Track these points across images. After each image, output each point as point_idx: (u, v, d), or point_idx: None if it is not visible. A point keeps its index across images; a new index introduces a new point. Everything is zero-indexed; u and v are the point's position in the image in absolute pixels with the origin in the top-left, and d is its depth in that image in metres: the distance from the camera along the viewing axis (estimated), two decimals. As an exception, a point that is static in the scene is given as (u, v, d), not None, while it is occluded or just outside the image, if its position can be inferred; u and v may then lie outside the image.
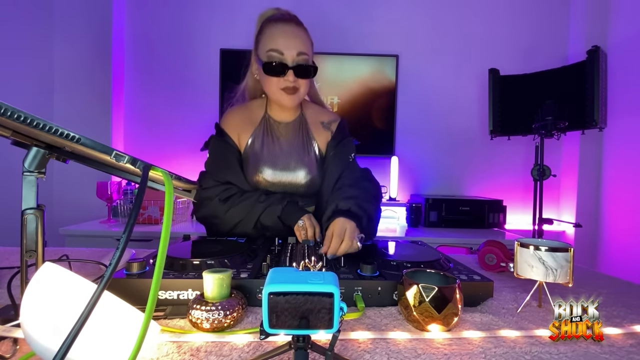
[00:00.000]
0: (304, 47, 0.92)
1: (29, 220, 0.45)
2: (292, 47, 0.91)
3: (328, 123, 1.05)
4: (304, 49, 0.92)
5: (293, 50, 0.91)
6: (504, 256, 0.80)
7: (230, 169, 0.98)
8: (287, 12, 1.00)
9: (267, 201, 0.92)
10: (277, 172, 0.99)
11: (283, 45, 0.91)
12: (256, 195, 0.94)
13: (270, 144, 1.00)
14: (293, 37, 0.92)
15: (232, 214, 0.93)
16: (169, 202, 0.38)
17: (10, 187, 1.86)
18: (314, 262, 0.57)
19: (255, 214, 0.92)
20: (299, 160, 1.00)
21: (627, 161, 2.04)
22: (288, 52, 0.91)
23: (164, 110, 2.34)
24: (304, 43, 0.93)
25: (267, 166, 0.98)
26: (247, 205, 0.92)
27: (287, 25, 0.94)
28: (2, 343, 0.43)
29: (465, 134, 2.39)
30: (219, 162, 0.98)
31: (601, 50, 1.81)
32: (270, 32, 0.93)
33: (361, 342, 0.47)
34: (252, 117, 1.03)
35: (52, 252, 0.88)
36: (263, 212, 0.91)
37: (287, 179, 0.99)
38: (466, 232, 2.00)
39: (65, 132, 0.39)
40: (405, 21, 2.35)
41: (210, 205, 0.94)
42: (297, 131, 1.03)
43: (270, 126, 1.02)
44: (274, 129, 1.02)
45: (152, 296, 0.35)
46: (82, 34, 2.20)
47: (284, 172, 0.99)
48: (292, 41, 0.91)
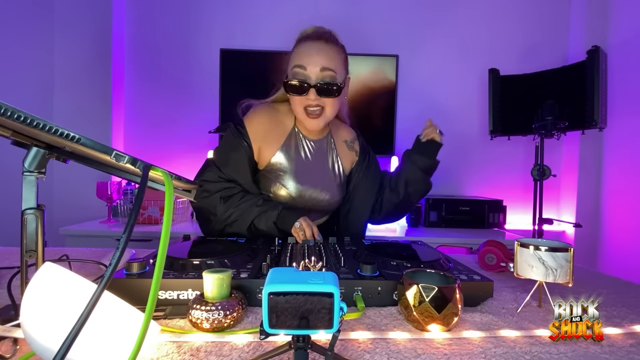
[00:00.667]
0: (329, 63, 0.86)
1: (29, 220, 0.45)
2: (316, 63, 0.86)
3: (351, 142, 1.06)
4: (329, 65, 0.86)
5: (316, 66, 0.86)
6: (504, 256, 0.80)
7: (238, 168, 0.94)
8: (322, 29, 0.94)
9: (264, 206, 0.91)
10: (301, 188, 0.96)
11: (306, 61, 0.86)
12: (255, 199, 0.92)
13: (299, 160, 0.97)
14: (317, 52, 0.87)
15: (229, 215, 0.91)
16: (169, 202, 0.38)
17: (10, 187, 1.86)
18: (314, 262, 0.57)
19: (250, 217, 0.90)
20: (326, 180, 0.99)
21: (627, 161, 2.04)
22: (311, 68, 0.86)
23: (164, 110, 2.34)
24: (330, 59, 0.87)
25: (292, 181, 0.95)
26: (244, 208, 0.91)
27: (315, 42, 0.89)
28: (2, 343, 0.43)
29: (465, 134, 2.39)
30: (229, 158, 0.94)
31: (601, 50, 1.81)
32: (297, 50, 0.90)
33: (361, 342, 0.47)
34: (280, 128, 0.97)
35: (52, 252, 0.88)
36: (258, 216, 0.90)
37: (310, 195, 0.97)
38: (466, 232, 2.00)
39: (65, 132, 0.39)
40: (405, 21, 2.35)
41: (209, 200, 0.91)
42: (326, 151, 1.01)
43: (299, 140, 0.98)
44: (302, 144, 0.98)
45: (152, 296, 0.35)
46: (82, 34, 2.20)
47: (308, 189, 0.97)
48: (315, 56, 0.86)
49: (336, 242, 0.86)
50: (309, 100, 0.88)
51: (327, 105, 0.90)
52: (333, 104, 0.90)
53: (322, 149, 1.01)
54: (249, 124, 0.95)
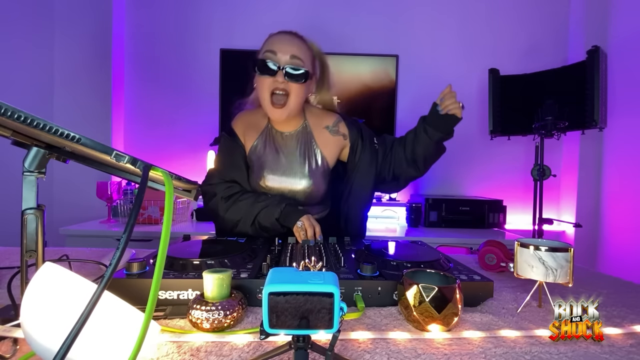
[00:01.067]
0: (298, 52, 0.92)
1: (29, 220, 0.45)
2: (286, 51, 0.91)
3: (334, 126, 1.04)
4: (299, 54, 0.92)
5: (287, 53, 0.91)
6: (504, 256, 0.80)
7: (236, 168, 1.01)
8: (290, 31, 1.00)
9: (266, 202, 0.93)
10: (278, 180, 1.00)
11: (277, 48, 0.91)
12: (256, 196, 0.95)
13: (271, 153, 1.02)
14: (288, 42, 0.93)
15: (232, 213, 0.94)
16: (169, 202, 0.38)
17: (10, 187, 1.86)
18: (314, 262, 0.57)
19: (252, 214, 0.93)
20: (299, 171, 1.01)
21: (627, 161, 2.04)
22: (281, 54, 0.91)
23: (164, 110, 2.34)
24: (300, 49, 0.93)
25: (269, 173, 1.00)
26: (247, 205, 0.94)
27: (286, 34, 0.95)
28: (2, 343, 0.43)
29: (465, 134, 2.39)
30: (226, 160, 1.02)
31: (601, 50, 1.81)
32: (269, 40, 0.96)
33: (361, 342, 0.47)
34: (257, 123, 1.04)
35: (52, 252, 0.88)
36: (260, 212, 0.92)
37: (287, 187, 1.00)
38: (466, 232, 2.00)
39: (65, 132, 0.39)
40: (405, 21, 2.35)
41: (213, 202, 0.97)
42: (298, 142, 1.03)
43: (272, 136, 1.03)
44: (275, 139, 1.03)
45: (152, 296, 0.35)
46: (82, 34, 2.20)
47: (285, 181, 1.00)
48: (286, 45, 0.92)
49: (336, 242, 0.86)
50: (276, 82, 0.91)
51: (292, 93, 0.92)
52: (298, 92, 0.93)
53: (296, 140, 1.03)
54: (235, 125, 1.06)
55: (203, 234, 1.76)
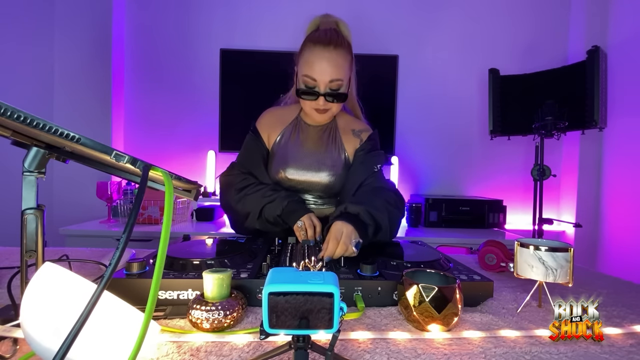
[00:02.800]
0: (337, 74, 0.92)
1: (29, 220, 0.45)
2: (326, 74, 0.91)
3: (359, 131, 1.07)
4: (338, 75, 0.92)
5: (326, 77, 0.92)
6: (504, 256, 0.80)
7: (254, 163, 1.03)
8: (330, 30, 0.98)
9: (272, 196, 0.94)
10: (300, 171, 1.01)
11: (317, 73, 0.91)
12: (265, 189, 0.96)
13: (297, 143, 1.04)
14: (327, 64, 0.91)
15: (242, 205, 0.96)
16: (169, 202, 0.38)
17: (10, 187, 1.86)
18: (314, 262, 0.57)
19: (259, 207, 0.94)
20: (322, 162, 1.02)
21: (627, 161, 2.04)
22: (321, 79, 0.92)
23: (164, 111, 2.34)
24: (338, 69, 0.92)
25: (291, 164, 1.01)
26: (255, 198, 0.95)
27: (325, 50, 0.92)
28: (2, 343, 0.43)
29: (465, 134, 2.39)
30: (247, 155, 1.05)
31: (601, 50, 1.81)
32: (308, 56, 0.93)
33: (361, 342, 0.47)
34: (284, 117, 1.07)
35: (52, 252, 0.88)
36: (265, 207, 0.93)
37: (308, 178, 1.02)
38: (466, 232, 2.00)
39: (65, 132, 0.39)
40: (405, 21, 2.35)
41: (228, 192, 0.98)
42: (325, 134, 1.06)
43: (300, 127, 1.06)
44: (302, 130, 1.06)
45: (152, 296, 0.35)
46: (82, 34, 2.20)
47: (306, 172, 1.02)
48: (326, 69, 0.91)
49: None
50: (318, 104, 0.96)
51: (333, 107, 0.98)
52: (339, 105, 0.99)
53: (322, 133, 1.06)
54: (258, 122, 1.08)
55: (203, 234, 1.76)
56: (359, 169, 1.02)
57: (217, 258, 0.63)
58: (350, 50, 0.99)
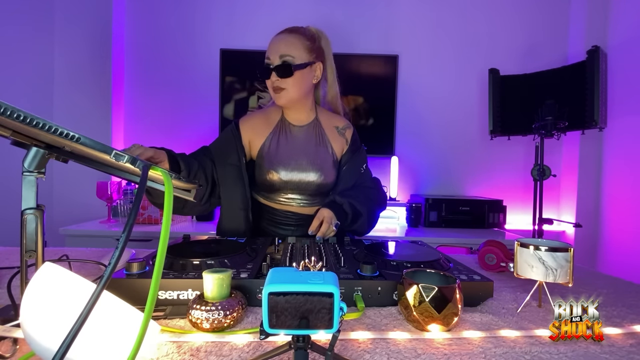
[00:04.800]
0: (286, 50, 0.99)
1: (28, 220, 0.45)
2: (276, 52, 0.99)
3: (342, 129, 1.11)
4: (287, 52, 0.99)
5: (276, 54, 0.99)
6: (504, 256, 0.80)
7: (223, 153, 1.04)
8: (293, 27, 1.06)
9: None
10: (291, 172, 1.02)
11: (269, 51, 1.00)
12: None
13: (284, 144, 1.05)
14: (278, 43, 1.00)
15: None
16: (168, 202, 0.38)
17: (10, 187, 1.86)
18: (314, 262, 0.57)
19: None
20: (312, 161, 1.04)
21: (627, 161, 2.04)
22: (273, 56, 1.00)
23: (164, 110, 2.34)
24: (289, 46, 0.99)
25: (281, 165, 1.02)
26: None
27: (280, 34, 1.02)
28: (2, 343, 0.43)
29: (465, 134, 2.39)
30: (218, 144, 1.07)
31: (601, 50, 1.81)
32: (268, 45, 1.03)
33: (361, 342, 0.47)
34: (268, 121, 1.09)
35: (52, 252, 0.88)
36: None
37: (300, 178, 1.03)
38: (466, 232, 2.00)
39: (65, 132, 0.39)
40: (405, 21, 2.35)
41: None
42: (311, 133, 1.08)
43: (285, 127, 1.08)
44: (288, 130, 1.07)
45: (151, 296, 0.35)
46: (82, 34, 2.20)
47: (298, 172, 1.03)
48: (275, 46, 1.00)
49: (336, 242, 0.86)
50: (272, 81, 1.01)
51: (288, 85, 1.01)
52: (293, 83, 1.01)
53: (308, 133, 1.08)
54: (241, 122, 1.09)
55: (203, 234, 1.76)
56: (348, 173, 1.09)
57: (217, 258, 0.63)
58: (312, 40, 1.04)
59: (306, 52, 1.01)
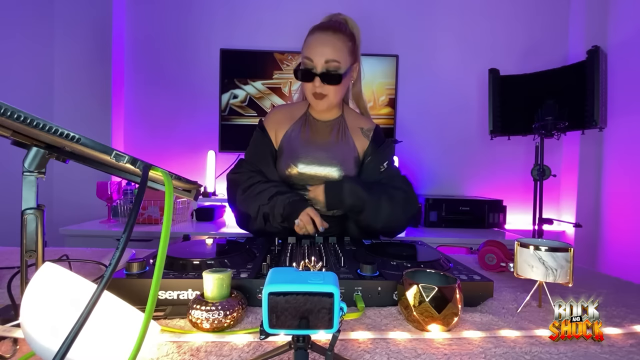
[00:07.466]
0: (333, 55, 0.94)
1: (29, 220, 0.45)
2: (321, 55, 0.94)
3: (367, 130, 1.08)
4: (334, 56, 0.94)
5: (321, 57, 0.94)
6: (504, 256, 0.80)
7: (262, 160, 1.04)
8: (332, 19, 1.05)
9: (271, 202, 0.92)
10: (310, 166, 1.01)
11: (314, 53, 0.95)
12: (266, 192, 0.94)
13: (306, 138, 1.04)
14: (323, 45, 0.94)
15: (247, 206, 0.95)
16: (169, 202, 0.38)
17: (10, 187, 1.86)
18: (314, 262, 0.57)
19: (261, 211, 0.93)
20: (333, 156, 1.02)
21: (627, 161, 2.04)
22: (317, 60, 0.95)
23: (164, 110, 2.34)
24: (335, 50, 0.95)
25: (301, 158, 1.01)
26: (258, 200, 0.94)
27: (323, 33, 0.97)
28: (2, 343, 0.43)
29: (465, 134, 2.39)
30: (254, 152, 1.06)
31: (601, 50, 1.81)
32: (307, 41, 0.98)
33: (361, 342, 0.47)
34: (293, 114, 1.08)
35: (52, 252, 0.88)
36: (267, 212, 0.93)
37: (319, 172, 1.01)
38: (466, 232, 2.00)
39: (65, 132, 0.39)
40: (405, 21, 2.35)
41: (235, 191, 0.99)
42: (335, 129, 1.06)
43: (309, 122, 1.06)
44: (312, 125, 1.06)
45: (152, 296, 0.35)
46: (82, 34, 2.20)
47: (317, 166, 1.01)
48: (321, 49, 0.94)
49: (336, 242, 0.86)
50: (314, 87, 0.97)
51: (330, 92, 0.98)
52: (336, 90, 0.99)
53: (332, 127, 1.06)
54: (266, 119, 1.08)
55: (203, 234, 1.76)
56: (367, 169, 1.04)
57: (217, 258, 0.63)
58: (352, 39, 1.01)
59: (350, 56, 0.98)
